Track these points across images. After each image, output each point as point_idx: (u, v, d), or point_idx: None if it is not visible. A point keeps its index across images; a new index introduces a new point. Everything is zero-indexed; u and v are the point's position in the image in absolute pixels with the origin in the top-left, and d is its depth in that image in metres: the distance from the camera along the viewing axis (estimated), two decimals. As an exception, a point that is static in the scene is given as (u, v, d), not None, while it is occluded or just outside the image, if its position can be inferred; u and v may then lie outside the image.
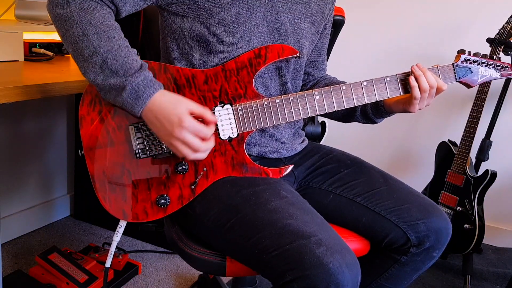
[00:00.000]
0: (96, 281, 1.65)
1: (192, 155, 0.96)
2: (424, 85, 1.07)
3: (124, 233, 2.09)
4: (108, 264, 1.13)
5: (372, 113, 1.21)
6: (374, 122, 1.24)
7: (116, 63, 0.93)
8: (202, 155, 0.98)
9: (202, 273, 1.81)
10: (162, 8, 1.07)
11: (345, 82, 1.11)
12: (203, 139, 0.96)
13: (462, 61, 1.12)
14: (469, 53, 1.13)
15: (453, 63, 1.13)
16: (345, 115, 1.27)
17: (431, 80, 1.07)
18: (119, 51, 0.94)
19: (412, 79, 1.07)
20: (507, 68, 1.14)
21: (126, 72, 0.94)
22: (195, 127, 0.94)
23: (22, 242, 2.01)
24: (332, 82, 1.27)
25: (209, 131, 0.97)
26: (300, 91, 1.20)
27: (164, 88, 1.01)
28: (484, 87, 1.90)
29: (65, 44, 0.97)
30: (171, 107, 0.94)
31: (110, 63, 0.93)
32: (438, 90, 1.09)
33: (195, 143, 0.95)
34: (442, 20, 2.29)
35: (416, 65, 1.08)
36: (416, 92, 1.07)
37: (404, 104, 1.12)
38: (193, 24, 1.04)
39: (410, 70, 1.09)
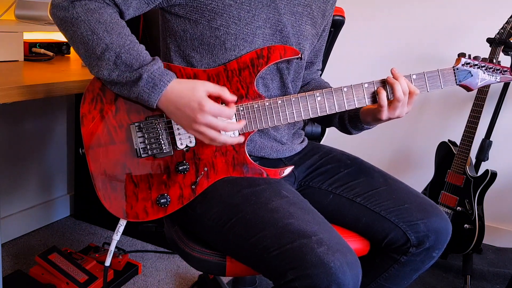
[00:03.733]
0: (96, 281, 1.65)
1: (219, 137, 0.96)
2: (398, 94, 1.04)
3: (124, 233, 2.09)
4: (107, 263, 1.13)
5: (348, 120, 1.19)
6: (350, 133, 1.22)
7: (130, 57, 0.94)
8: (228, 138, 0.98)
9: (202, 273, 1.82)
10: (164, 10, 1.07)
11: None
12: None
13: (462, 65, 1.12)
14: (469, 57, 1.13)
15: (453, 66, 1.13)
16: (323, 119, 1.25)
17: (404, 88, 1.05)
18: (132, 45, 0.95)
19: (380, 87, 1.06)
20: (506, 72, 1.15)
21: (141, 64, 0.94)
22: (217, 109, 0.94)
23: (22, 242, 2.01)
24: (321, 86, 1.26)
25: (230, 111, 0.96)
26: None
27: None
28: (484, 87, 1.90)
29: (73, 46, 0.97)
30: (189, 93, 0.94)
31: (124, 57, 0.93)
32: (411, 95, 1.06)
33: (220, 124, 0.94)
34: (442, 20, 2.29)
35: (391, 70, 1.06)
36: (382, 100, 1.05)
37: (374, 113, 1.10)
38: (195, 26, 1.04)
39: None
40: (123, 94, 0.98)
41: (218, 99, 0.97)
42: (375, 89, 1.08)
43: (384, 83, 1.07)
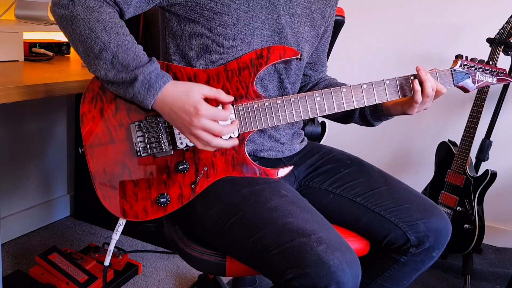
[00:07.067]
0: (96, 281, 1.65)
1: (214, 141, 0.96)
2: (428, 90, 1.07)
3: (124, 233, 2.10)
4: (106, 263, 1.13)
5: (370, 115, 1.21)
6: (371, 125, 1.24)
7: (127, 57, 0.94)
8: (224, 142, 0.97)
9: (202, 273, 1.82)
10: (164, 9, 1.07)
11: (345, 84, 1.11)
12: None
13: (459, 66, 1.13)
14: (466, 58, 1.14)
15: (451, 68, 1.13)
16: (343, 116, 1.28)
17: (433, 85, 1.07)
18: (129, 45, 0.95)
19: (416, 84, 1.07)
20: (502, 74, 1.16)
21: (137, 65, 0.94)
22: (212, 111, 0.94)
23: (22, 242, 2.01)
24: (332, 84, 1.28)
25: (226, 113, 0.97)
26: (299, 92, 1.21)
27: None
28: (484, 87, 1.90)
29: (72, 44, 0.97)
30: (184, 96, 0.94)
31: (121, 57, 0.93)
32: (438, 94, 1.09)
33: (216, 128, 0.95)
34: (442, 20, 2.29)
35: (418, 68, 1.07)
36: (419, 96, 1.07)
37: (403, 106, 1.12)
38: (194, 26, 1.04)
39: (408, 74, 1.09)
40: (119, 94, 0.98)
41: (213, 101, 0.97)
42: (374, 89, 1.08)
43: (407, 79, 1.09)
